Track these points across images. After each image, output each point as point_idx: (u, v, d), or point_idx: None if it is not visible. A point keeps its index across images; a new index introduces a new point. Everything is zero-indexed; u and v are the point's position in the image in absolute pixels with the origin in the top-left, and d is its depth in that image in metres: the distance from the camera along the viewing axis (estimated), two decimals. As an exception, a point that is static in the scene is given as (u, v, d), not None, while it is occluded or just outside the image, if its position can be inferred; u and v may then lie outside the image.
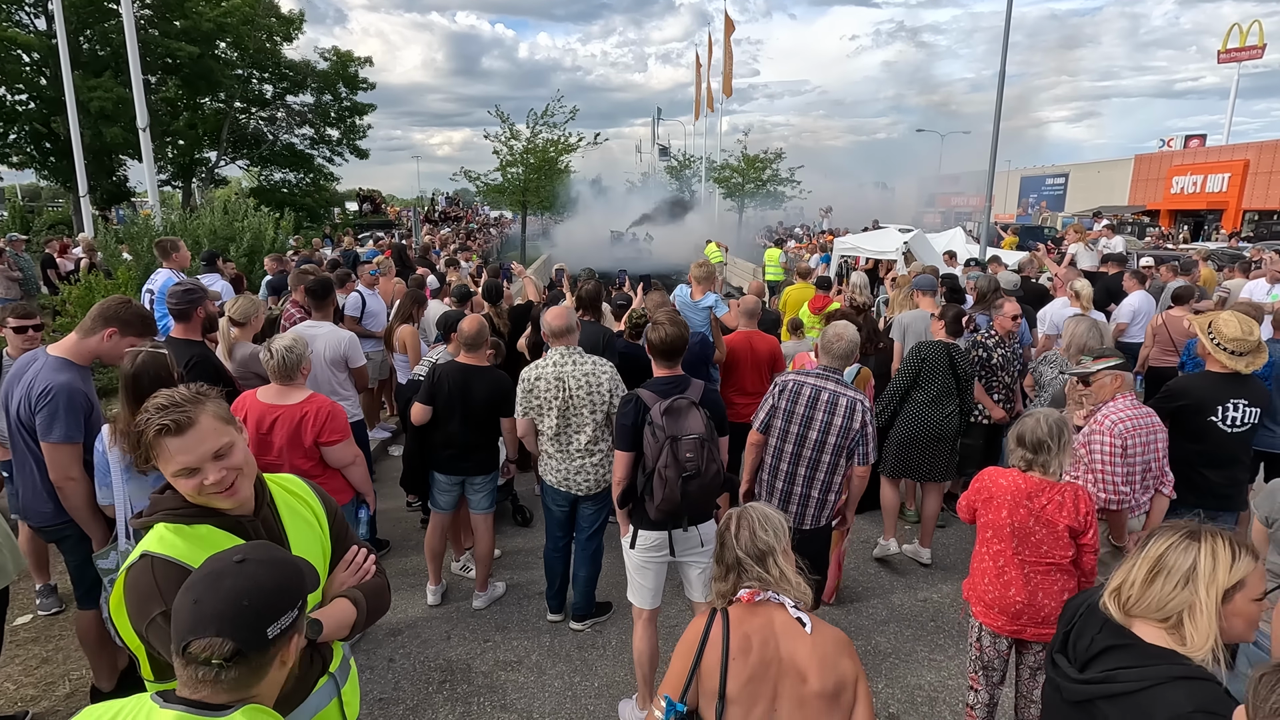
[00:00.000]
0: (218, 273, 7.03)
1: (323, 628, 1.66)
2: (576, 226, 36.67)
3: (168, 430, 1.54)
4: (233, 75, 27.11)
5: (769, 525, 1.87)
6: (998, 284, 6.45)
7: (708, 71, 38.65)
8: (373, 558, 1.90)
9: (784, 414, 3.40)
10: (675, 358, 3.23)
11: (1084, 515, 2.66)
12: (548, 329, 3.81)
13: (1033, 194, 43.63)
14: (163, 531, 1.57)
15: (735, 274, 25.60)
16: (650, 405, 3.07)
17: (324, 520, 1.83)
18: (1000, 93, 12.92)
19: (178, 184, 29.21)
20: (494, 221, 38.20)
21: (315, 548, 1.77)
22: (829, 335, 3.52)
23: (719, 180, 33.66)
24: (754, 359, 5.06)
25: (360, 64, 30.21)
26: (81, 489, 2.88)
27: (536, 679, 3.65)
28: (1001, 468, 2.86)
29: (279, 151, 30.36)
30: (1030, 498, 2.70)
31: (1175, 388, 3.75)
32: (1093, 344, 3.90)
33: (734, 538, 1.87)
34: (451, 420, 3.97)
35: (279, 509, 1.73)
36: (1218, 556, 1.49)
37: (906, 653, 3.88)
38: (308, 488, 1.86)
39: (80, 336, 2.99)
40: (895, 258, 12.52)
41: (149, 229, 10.01)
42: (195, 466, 1.55)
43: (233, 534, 1.60)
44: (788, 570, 1.84)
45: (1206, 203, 31.20)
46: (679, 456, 2.94)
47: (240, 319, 4.36)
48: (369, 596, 1.81)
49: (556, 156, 26.27)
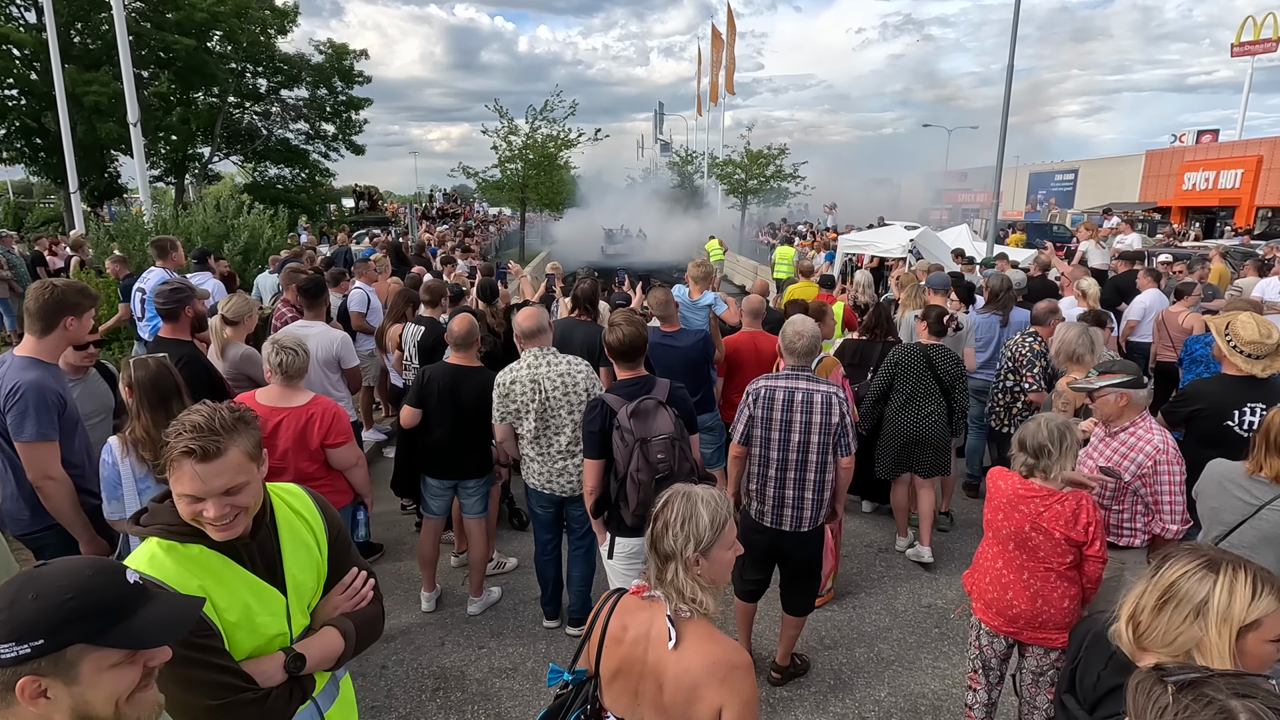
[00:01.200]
0: (209, 271, 7.01)
1: (305, 662, 1.63)
2: (572, 224, 36.75)
3: (193, 455, 1.50)
4: (226, 69, 27.09)
5: (691, 527, 1.65)
6: (1010, 283, 6.42)
7: (710, 66, 38.59)
8: (371, 582, 1.85)
9: (762, 422, 3.37)
10: (636, 358, 3.23)
11: (1084, 527, 2.61)
12: (519, 331, 3.79)
13: (1041, 190, 43.53)
14: (155, 549, 1.54)
15: (736, 272, 25.62)
16: (616, 409, 3.06)
17: (324, 542, 1.78)
18: (1008, 87, 12.92)
19: (170, 180, 29.25)
20: (492, 219, 38.20)
21: (311, 571, 1.73)
22: (789, 335, 3.48)
23: (721, 176, 33.63)
24: (758, 359, 5.05)
25: (356, 57, 30.20)
26: (64, 489, 2.85)
27: (532, 687, 3.64)
28: (1006, 468, 2.84)
29: (273, 147, 30.37)
30: (1027, 503, 2.66)
31: (1190, 391, 3.71)
32: (1081, 351, 3.88)
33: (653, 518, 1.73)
34: (441, 423, 3.95)
35: (279, 530, 1.69)
36: (1235, 591, 1.36)
37: (910, 660, 3.86)
38: (313, 505, 1.80)
39: (39, 335, 2.92)
40: (901, 255, 12.50)
41: (140, 226, 10.02)
42: (200, 497, 1.51)
43: (226, 556, 1.58)
44: (686, 583, 1.63)
45: (1219, 199, 31.10)
46: (650, 458, 2.95)
47: (234, 318, 4.33)
48: (361, 626, 1.77)
49: (556, 152, 26.26)
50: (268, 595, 1.62)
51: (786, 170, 31.63)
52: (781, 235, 26.30)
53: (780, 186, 31.80)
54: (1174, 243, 20.03)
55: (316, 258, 11.50)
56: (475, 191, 32.17)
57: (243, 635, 1.56)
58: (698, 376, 4.80)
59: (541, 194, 27.47)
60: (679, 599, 1.64)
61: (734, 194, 33.43)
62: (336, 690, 1.83)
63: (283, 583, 1.66)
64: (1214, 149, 33.30)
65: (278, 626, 1.63)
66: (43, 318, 2.91)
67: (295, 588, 1.68)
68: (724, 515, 1.69)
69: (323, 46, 29.94)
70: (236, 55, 27.62)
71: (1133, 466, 2.95)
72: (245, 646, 1.57)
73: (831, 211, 27.79)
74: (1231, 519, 2.56)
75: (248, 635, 1.57)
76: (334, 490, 3.45)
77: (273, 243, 10.64)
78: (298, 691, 1.64)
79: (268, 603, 1.61)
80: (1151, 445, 2.95)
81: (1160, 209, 33.18)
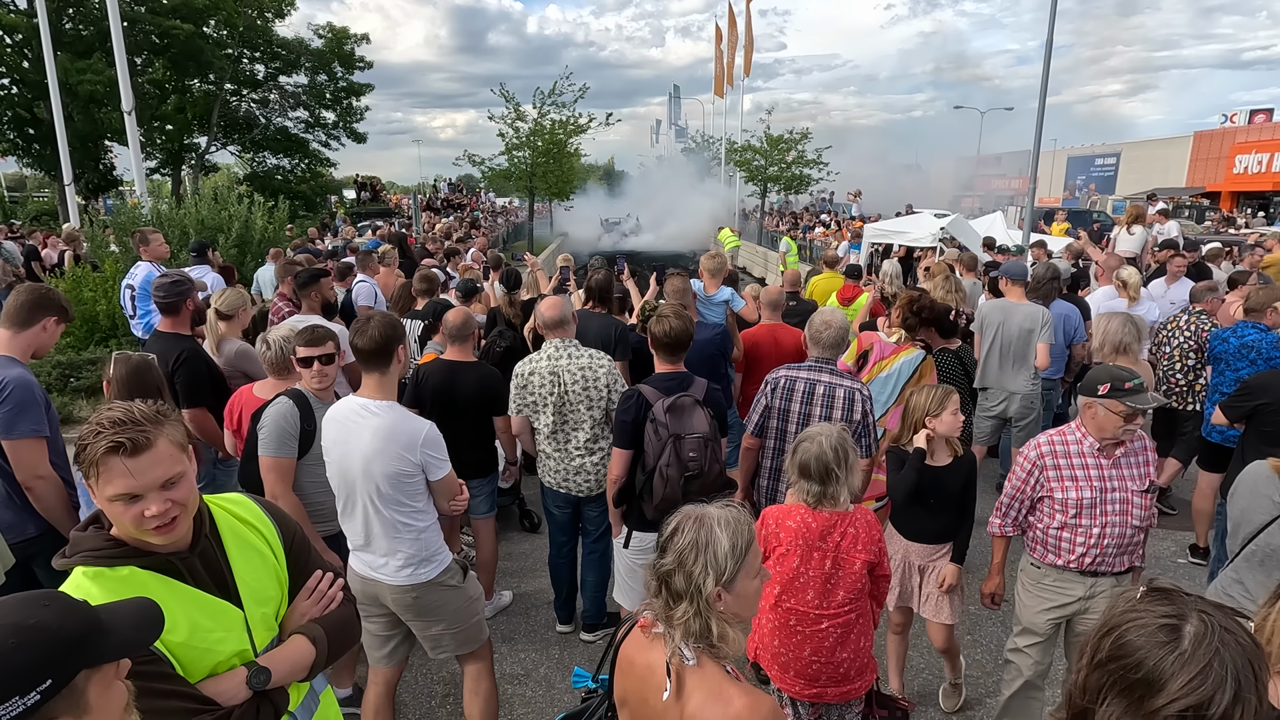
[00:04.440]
0: (208, 264, 7.11)
1: (270, 676, 1.58)
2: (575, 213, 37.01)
3: (121, 449, 1.44)
4: (223, 55, 27.34)
5: (708, 556, 1.50)
6: (1057, 271, 6.33)
7: (728, 46, 38.43)
8: (339, 582, 1.82)
9: (779, 413, 3.39)
10: (679, 352, 3.26)
11: (879, 543, 2.52)
12: (541, 320, 3.81)
13: (1080, 176, 43.06)
14: (80, 579, 1.48)
15: (750, 260, 25.62)
16: (653, 402, 3.11)
17: (279, 547, 1.73)
18: (1047, 65, 12.77)
19: (166, 172, 29.62)
20: (500, 210, 38.38)
21: (268, 579, 1.69)
22: (816, 325, 3.48)
23: (739, 163, 33.56)
24: (779, 353, 5.04)
25: (357, 41, 30.39)
26: (53, 487, 2.86)
27: (545, 693, 3.67)
28: (783, 505, 2.64)
29: (272, 136, 30.67)
30: (824, 537, 2.48)
31: (1254, 384, 3.69)
32: (1128, 339, 3.74)
33: (660, 548, 1.59)
34: (439, 421, 3.96)
35: (224, 539, 1.64)
36: None
37: (941, 669, 3.85)
38: (259, 510, 1.76)
39: (15, 330, 2.95)
40: (931, 245, 12.42)
41: (136, 219, 10.15)
42: (138, 493, 1.46)
43: (163, 574, 1.52)
44: (701, 621, 1.49)
45: (1272, 183, 30.58)
46: (682, 455, 3.00)
47: (227, 311, 4.35)
48: (332, 631, 1.72)
49: (566, 139, 26.30)
50: (220, 610, 1.57)
51: (809, 156, 31.49)
52: (803, 224, 26.18)
53: (802, 174, 31.67)
54: (1223, 230, 19.74)
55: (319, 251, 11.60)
56: (481, 181, 32.32)
57: (194, 655, 1.51)
58: (714, 373, 4.79)
59: (550, 183, 27.53)
60: (686, 637, 1.49)
61: (753, 181, 33.34)
62: (317, 703, 1.79)
63: (237, 595, 1.61)
64: (1268, 129, 32.74)
65: (237, 642, 1.58)
66: (26, 310, 2.96)
67: (253, 598, 1.63)
68: (747, 538, 1.54)
69: (322, 30, 30.17)
70: (233, 40, 27.92)
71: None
72: (201, 666, 1.52)
73: (857, 199, 27.64)
74: (1261, 519, 2.53)
75: (201, 654, 1.52)
76: None
77: (268, 234, 10.70)
78: (267, 708, 1.59)
79: (221, 618, 1.56)
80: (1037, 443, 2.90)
81: (1209, 194, 32.69)
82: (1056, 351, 5.47)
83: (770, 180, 32.43)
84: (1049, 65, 12.79)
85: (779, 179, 32.20)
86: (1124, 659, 1.05)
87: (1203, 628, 1.02)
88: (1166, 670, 1.01)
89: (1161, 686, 1.01)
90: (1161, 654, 1.02)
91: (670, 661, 1.49)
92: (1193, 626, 1.02)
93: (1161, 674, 1.01)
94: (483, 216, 33.64)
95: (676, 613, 1.50)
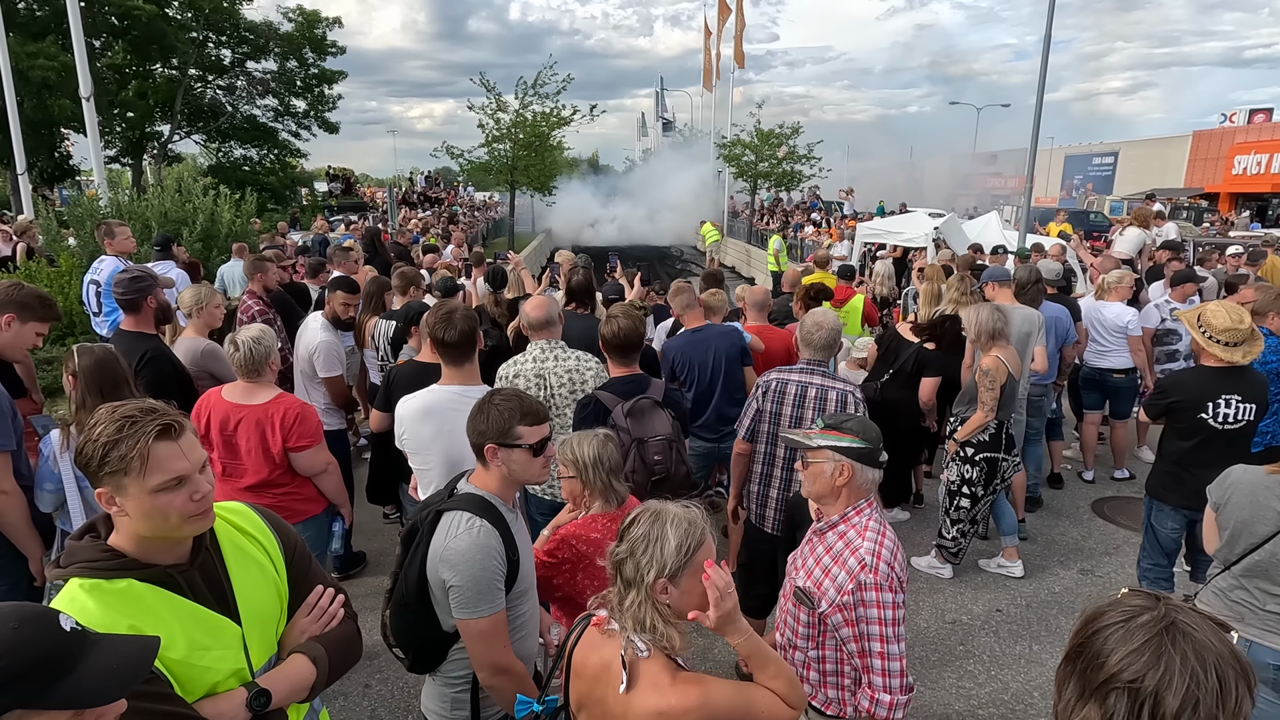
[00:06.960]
0: (172, 259, 7.05)
1: (271, 698, 1.57)
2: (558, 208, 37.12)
3: (170, 433, 1.46)
4: (186, 38, 26.97)
5: (654, 550, 1.60)
6: (1039, 274, 6.44)
7: (718, 37, 38.58)
8: (340, 599, 1.80)
9: (770, 417, 3.43)
10: (632, 354, 3.33)
11: None
12: (526, 321, 3.80)
13: (1078, 175, 43.71)
14: (75, 591, 1.46)
15: (737, 259, 25.79)
16: (611, 407, 3.16)
17: (280, 560, 1.72)
18: (1044, 61, 12.92)
19: (127, 161, 29.19)
20: (479, 205, 38.24)
21: (269, 593, 1.68)
22: (808, 326, 3.52)
23: (728, 158, 33.69)
24: (765, 356, 5.09)
25: (329, 25, 30.12)
26: (17, 503, 2.81)
27: (525, 707, 3.68)
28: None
29: (239, 125, 30.37)
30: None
31: (1167, 384, 4.00)
32: (999, 325, 4.31)
33: (618, 536, 1.68)
34: None
35: (223, 550, 1.64)
36: None
37: (933, 679, 3.91)
38: (260, 520, 1.75)
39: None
40: (924, 245, 12.55)
41: (95, 211, 10.03)
42: (187, 475, 1.48)
43: (161, 588, 1.50)
44: (646, 612, 1.60)
45: (1271, 185, 31.15)
46: (647, 460, 3.06)
47: (189, 309, 4.32)
48: (334, 649, 1.71)
49: (549, 131, 26.29)
50: (219, 627, 1.56)
51: (800, 151, 31.67)
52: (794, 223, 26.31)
53: (793, 170, 31.84)
54: (1222, 232, 20.10)
55: (289, 246, 11.52)
56: (460, 174, 32.20)
57: (192, 674, 1.50)
58: (732, 377, 4.58)
59: (532, 176, 27.51)
60: (636, 629, 1.60)
61: (742, 177, 33.47)
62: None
63: (236, 611, 1.60)
64: (1267, 129, 33.38)
65: (235, 661, 1.57)
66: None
67: (252, 614, 1.62)
68: (696, 540, 1.62)
69: (292, 14, 29.80)
70: (198, 23, 27.52)
71: (832, 588, 2.16)
72: (198, 685, 1.51)
73: (849, 197, 27.82)
74: (1266, 530, 2.62)
75: (199, 673, 1.51)
76: (304, 499, 3.46)
77: (235, 228, 10.61)
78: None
79: (219, 635, 1.55)
80: (858, 556, 2.13)
81: (1207, 195, 33.25)
82: (1049, 354, 5.55)
83: (760, 176, 32.56)
84: (1047, 61, 12.96)
85: (769, 175, 32.34)
86: (1088, 646, 1.13)
87: (1160, 615, 1.09)
88: (1109, 645, 1.09)
89: (1103, 662, 1.09)
90: (1110, 632, 1.10)
91: (625, 654, 1.60)
92: (1149, 615, 1.10)
93: (1104, 649, 1.10)
94: (461, 211, 33.49)
95: (628, 600, 1.62)
